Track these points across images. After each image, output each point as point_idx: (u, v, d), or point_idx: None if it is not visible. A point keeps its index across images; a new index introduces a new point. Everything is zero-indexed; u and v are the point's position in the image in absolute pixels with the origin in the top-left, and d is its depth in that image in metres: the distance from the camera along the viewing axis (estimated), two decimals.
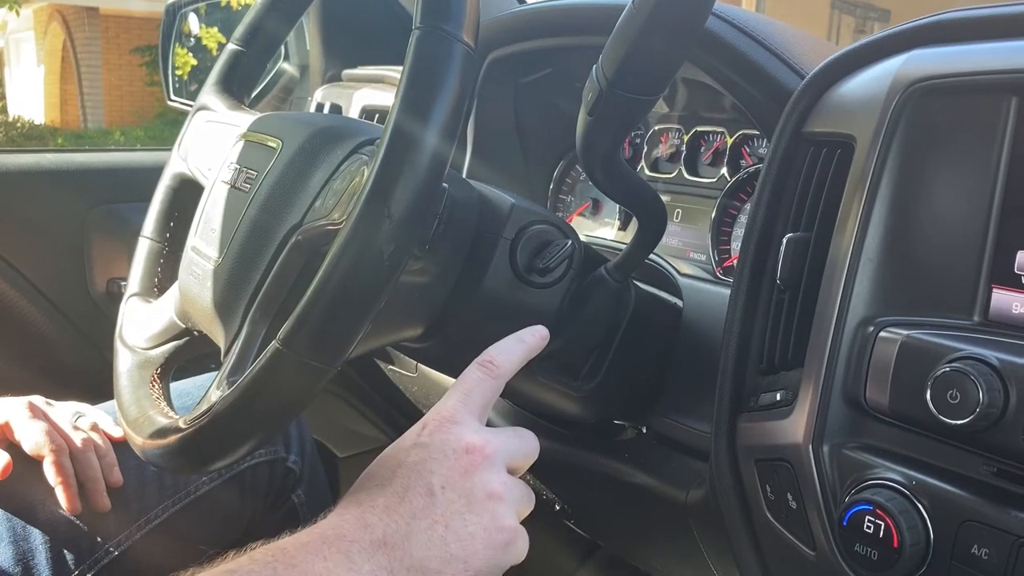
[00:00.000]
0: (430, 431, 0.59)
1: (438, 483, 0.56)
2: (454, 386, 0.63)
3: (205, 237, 0.79)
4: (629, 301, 0.82)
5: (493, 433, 0.61)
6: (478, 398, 0.63)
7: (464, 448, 0.58)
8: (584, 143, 0.73)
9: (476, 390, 0.63)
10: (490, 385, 0.64)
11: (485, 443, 0.59)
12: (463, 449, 0.58)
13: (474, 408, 0.62)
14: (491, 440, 0.60)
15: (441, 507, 0.56)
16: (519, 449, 0.63)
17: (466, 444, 0.58)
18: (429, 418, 0.61)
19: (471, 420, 0.61)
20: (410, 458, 0.58)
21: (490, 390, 0.64)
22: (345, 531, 0.54)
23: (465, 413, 0.61)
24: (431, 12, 0.60)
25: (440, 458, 0.57)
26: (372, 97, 1.35)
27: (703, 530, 0.83)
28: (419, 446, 0.58)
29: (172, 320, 0.83)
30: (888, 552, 0.57)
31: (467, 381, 0.63)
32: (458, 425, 0.59)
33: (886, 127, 0.63)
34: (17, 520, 0.88)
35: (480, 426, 0.61)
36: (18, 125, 10.83)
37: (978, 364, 0.54)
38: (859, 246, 0.63)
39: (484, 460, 0.58)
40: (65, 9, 11.67)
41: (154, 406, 0.77)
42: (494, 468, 0.59)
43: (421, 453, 0.58)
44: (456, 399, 0.62)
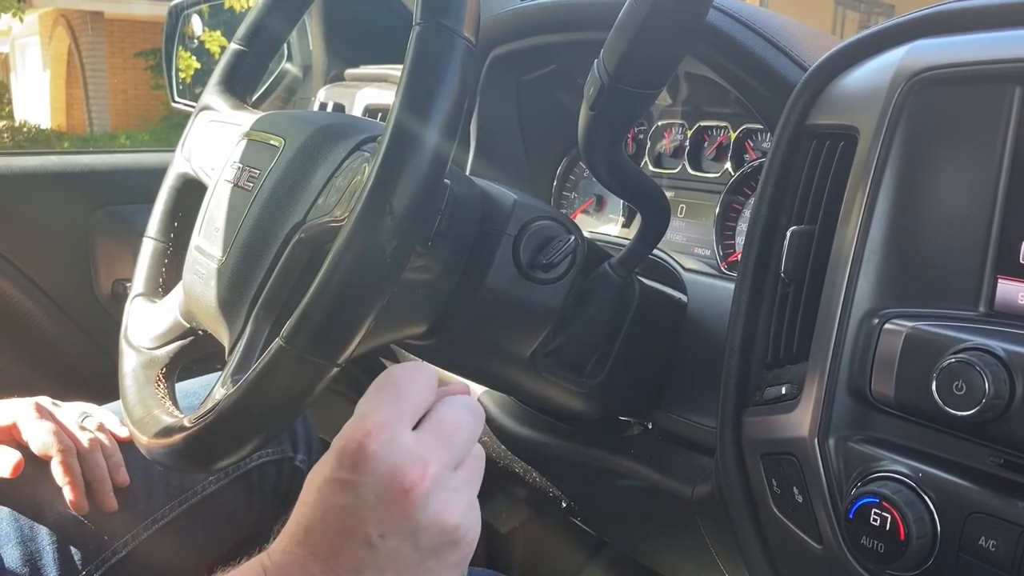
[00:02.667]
0: (350, 465, 0.48)
1: (375, 532, 0.48)
2: (378, 387, 0.52)
3: (209, 236, 0.79)
4: (633, 297, 0.82)
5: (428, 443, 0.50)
6: (411, 405, 0.51)
7: (399, 486, 0.48)
8: (586, 138, 0.73)
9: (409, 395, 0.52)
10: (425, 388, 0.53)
11: (422, 472, 0.48)
12: (398, 487, 0.48)
13: (408, 419, 0.51)
14: (428, 460, 0.49)
15: (385, 557, 0.48)
16: (461, 441, 0.52)
17: (402, 480, 0.48)
18: (347, 441, 0.49)
19: (403, 438, 0.49)
20: (336, 500, 0.48)
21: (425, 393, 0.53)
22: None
23: (396, 430, 0.49)
24: (431, 8, 0.60)
25: (373, 501, 0.48)
26: (375, 96, 1.35)
27: (709, 525, 0.83)
28: (340, 484, 0.48)
29: (176, 320, 0.84)
30: (895, 544, 0.57)
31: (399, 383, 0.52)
32: (387, 452, 0.48)
33: (889, 119, 0.62)
34: (24, 520, 0.88)
35: (414, 441, 0.49)
36: (24, 130, 10.87)
37: (984, 355, 0.54)
38: (863, 238, 0.63)
39: (425, 495, 0.48)
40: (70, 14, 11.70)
41: (159, 405, 0.77)
42: (437, 496, 0.49)
43: (347, 496, 0.48)
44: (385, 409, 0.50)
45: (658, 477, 0.85)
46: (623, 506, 0.97)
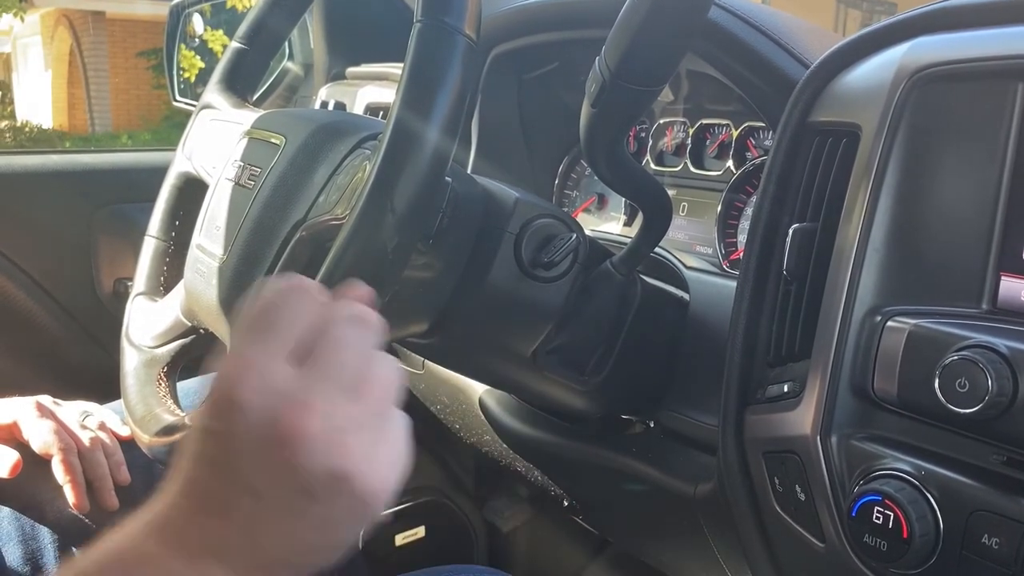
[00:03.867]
0: (221, 415, 0.43)
1: (260, 483, 0.42)
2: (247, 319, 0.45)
3: (210, 235, 0.79)
4: (635, 295, 0.82)
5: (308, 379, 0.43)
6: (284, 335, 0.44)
7: (279, 436, 0.41)
8: (588, 135, 0.72)
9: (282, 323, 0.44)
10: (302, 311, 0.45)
11: (300, 415, 0.42)
12: (275, 440, 0.41)
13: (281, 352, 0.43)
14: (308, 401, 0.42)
15: (277, 508, 0.43)
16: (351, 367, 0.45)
17: (279, 429, 0.41)
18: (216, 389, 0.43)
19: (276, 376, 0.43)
20: (215, 451, 0.43)
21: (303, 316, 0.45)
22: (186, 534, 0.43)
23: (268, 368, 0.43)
24: (432, 5, 0.60)
25: (251, 453, 0.42)
26: (376, 94, 1.35)
27: (712, 524, 0.83)
28: (216, 436, 0.43)
29: (178, 318, 0.84)
30: (898, 543, 0.56)
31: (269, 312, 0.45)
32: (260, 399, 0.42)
33: (891, 116, 0.62)
34: (26, 519, 0.88)
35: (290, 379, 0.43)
36: (26, 129, 10.87)
37: (987, 352, 0.54)
38: (865, 236, 0.62)
39: (307, 440, 0.42)
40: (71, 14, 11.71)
41: (160, 404, 0.77)
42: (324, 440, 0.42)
43: (224, 447, 0.42)
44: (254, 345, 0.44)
45: (660, 476, 0.85)
46: (625, 505, 0.97)
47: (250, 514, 0.43)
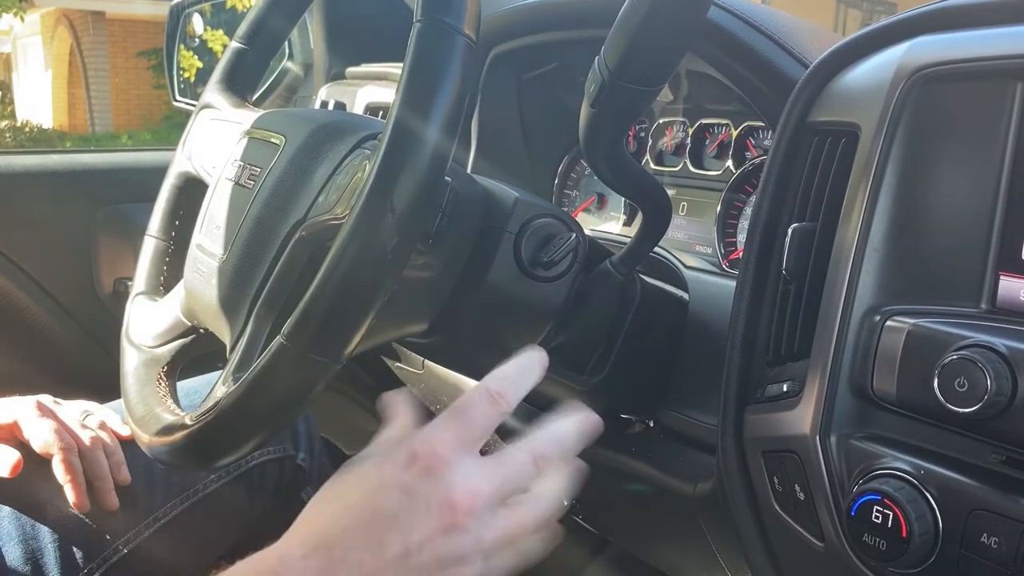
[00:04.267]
0: (419, 471, 0.50)
1: (416, 541, 0.49)
2: (454, 411, 0.54)
3: (210, 234, 0.79)
4: (635, 294, 0.82)
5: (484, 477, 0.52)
6: (478, 434, 0.53)
7: (450, 504, 0.49)
8: (587, 135, 0.72)
9: (479, 425, 0.54)
10: (495, 421, 0.55)
11: (472, 498, 0.50)
12: (448, 504, 0.49)
13: (472, 447, 0.53)
14: (479, 491, 0.51)
15: (412, 568, 0.49)
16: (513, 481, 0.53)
17: (453, 500, 0.50)
18: (420, 449, 0.51)
19: (466, 462, 0.51)
20: (388, 504, 0.49)
21: (493, 426, 0.55)
22: None
23: (462, 453, 0.51)
24: (432, 5, 0.60)
25: (424, 511, 0.49)
26: (376, 94, 1.35)
27: (711, 523, 0.83)
28: (404, 491, 0.50)
29: (178, 318, 0.84)
30: (897, 542, 0.56)
31: (472, 413, 0.54)
32: (451, 469, 0.50)
33: (890, 115, 0.62)
34: (26, 518, 0.89)
35: (473, 470, 0.51)
36: (26, 129, 10.88)
37: (986, 352, 0.54)
38: (865, 235, 0.62)
39: (466, 521, 0.50)
40: (72, 13, 11.71)
41: (160, 404, 0.77)
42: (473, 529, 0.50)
43: (403, 501, 0.49)
44: (455, 433, 0.52)
45: (660, 475, 0.85)
46: (625, 504, 0.97)
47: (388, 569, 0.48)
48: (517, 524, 0.53)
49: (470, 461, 0.51)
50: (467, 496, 0.50)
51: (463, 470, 0.51)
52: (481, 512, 0.50)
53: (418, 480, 0.50)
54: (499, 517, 0.52)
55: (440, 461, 0.50)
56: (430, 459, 0.50)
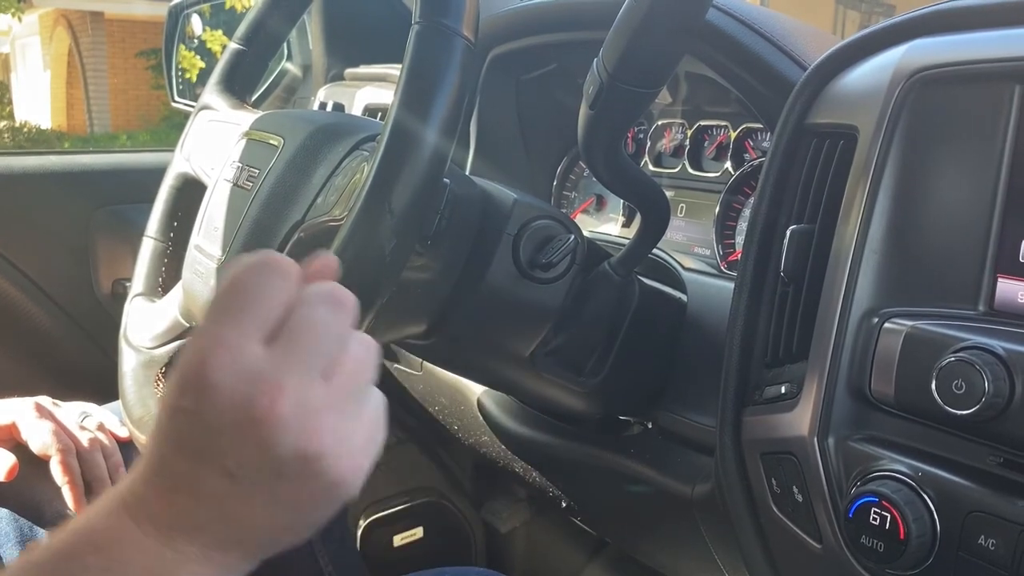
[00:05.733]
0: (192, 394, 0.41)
1: (231, 463, 0.42)
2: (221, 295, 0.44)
3: (208, 235, 0.79)
4: (633, 296, 0.82)
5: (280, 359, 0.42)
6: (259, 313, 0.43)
7: (249, 415, 0.41)
8: (586, 137, 0.72)
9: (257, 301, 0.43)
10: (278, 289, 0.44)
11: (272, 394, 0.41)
12: (248, 416, 0.41)
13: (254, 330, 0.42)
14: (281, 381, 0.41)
15: (247, 487, 0.42)
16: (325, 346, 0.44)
17: (250, 408, 0.41)
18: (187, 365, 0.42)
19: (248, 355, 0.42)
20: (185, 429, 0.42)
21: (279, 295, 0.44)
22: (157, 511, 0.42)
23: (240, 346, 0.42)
24: (431, 7, 0.60)
25: (222, 433, 0.41)
26: (375, 95, 1.34)
27: (709, 525, 0.83)
28: (185, 415, 0.42)
29: (176, 319, 0.84)
30: (894, 544, 0.56)
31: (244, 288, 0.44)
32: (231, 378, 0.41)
33: (888, 117, 0.62)
34: (24, 520, 0.88)
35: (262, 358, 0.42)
36: (25, 130, 10.87)
37: (983, 354, 0.54)
38: (863, 237, 0.62)
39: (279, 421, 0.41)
40: (70, 14, 11.70)
41: (159, 405, 0.77)
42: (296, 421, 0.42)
43: (194, 426, 0.42)
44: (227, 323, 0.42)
45: (658, 477, 0.85)
46: (623, 506, 0.97)
47: (221, 493, 0.42)
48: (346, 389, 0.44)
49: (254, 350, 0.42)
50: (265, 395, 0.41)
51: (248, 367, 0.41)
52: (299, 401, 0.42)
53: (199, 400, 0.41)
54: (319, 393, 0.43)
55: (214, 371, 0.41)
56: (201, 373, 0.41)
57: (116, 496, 0.44)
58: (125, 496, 0.44)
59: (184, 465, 0.43)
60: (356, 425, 0.44)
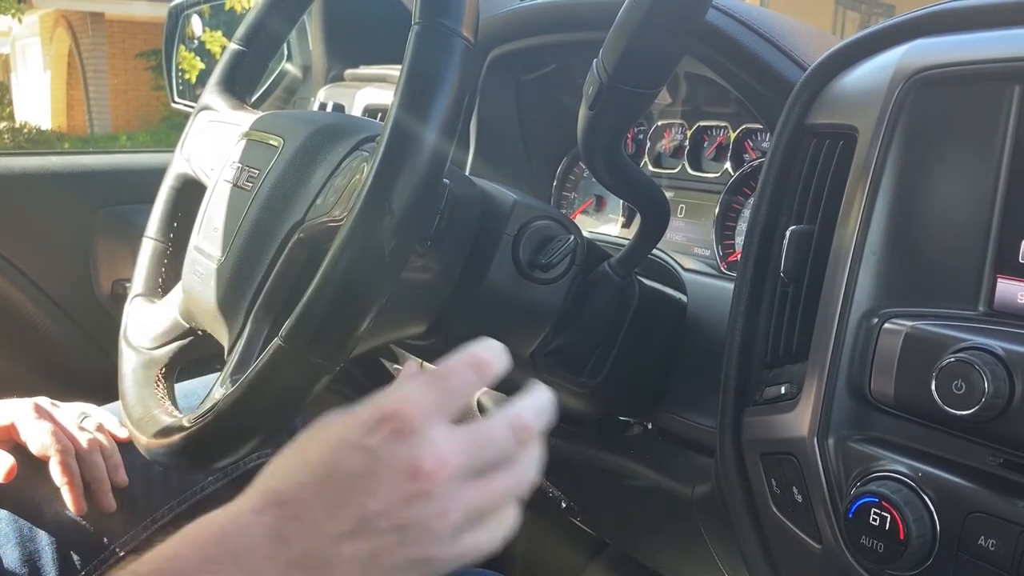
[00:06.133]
0: (385, 433, 0.46)
1: (373, 508, 0.45)
2: (433, 373, 0.50)
3: (208, 236, 0.79)
4: (633, 296, 0.82)
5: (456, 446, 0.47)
6: (457, 399, 0.49)
7: (414, 472, 0.45)
8: (586, 137, 0.73)
9: (459, 390, 0.49)
10: (476, 388, 0.51)
11: (439, 466, 0.46)
12: (412, 472, 0.45)
13: (447, 412, 0.48)
14: (448, 460, 0.46)
15: (370, 537, 0.45)
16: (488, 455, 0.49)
17: (418, 467, 0.45)
18: (387, 410, 0.47)
19: (437, 430, 0.47)
20: (348, 465, 0.46)
21: (473, 393, 0.51)
22: (256, 544, 0.45)
23: (435, 418, 0.47)
24: (430, 7, 0.60)
25: (384, 477, 0.45)
26: (375, 96, 1.35)
27: (709, 525, 0.83)
28: (364, 451, 0.46)
29: (176, 320, 0.84)
30: (894, 544, 0.56)
31: (452, 376, 0.50)
32: (420, 434, 0.46)
33: (888, 118, 0.62)
34: (23, 521, 0.88)
35: (445, 437, 0.47)
36: (25, 131, 10.87)
37: (983, 354, 0.54)
38: (862, 238, 0.63)
39: (431, 491, 0.45)
40: (70, 15, 11.70)
41: (158, 405, 0.77)
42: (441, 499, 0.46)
43: (364, 463, 0.46)
44: (430, 396, 0.48)
45: (658, 477, 0.85)
46: (623, 506, 0.97)
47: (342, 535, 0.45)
48: (490, 499, 0.48)
49: (442, 427, 0.47)
50: (435, 463, 0.46)
51: (433, 436, 0.47)
52: (450, 483, 0.46)
53: (382, 442, 0.46)
54: (470, 489, 0.47)
55: (409, 424, 0.46)
56: (398, 421, 0.46)
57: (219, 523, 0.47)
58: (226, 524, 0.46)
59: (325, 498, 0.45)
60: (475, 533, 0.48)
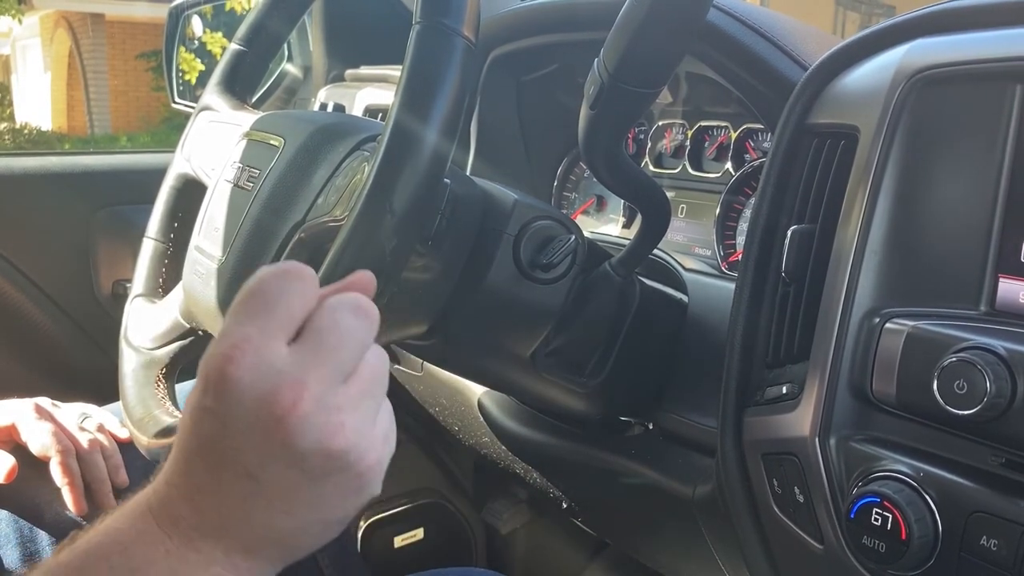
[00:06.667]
0: (216, 391, 0.42)
1: (253, 462, 0.42)
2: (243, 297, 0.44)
3: (209, 236, 0.79)
4: (634, 296, 0.82)
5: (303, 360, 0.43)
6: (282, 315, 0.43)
7: (271, 412, 0.41)
8: (586, 137, 0.72)
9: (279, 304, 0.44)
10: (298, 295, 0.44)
11: (296, 395, 0.41)
12: (270, 413, 0.41)
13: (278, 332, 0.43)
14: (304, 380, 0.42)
15: (270, 487, 0.42)
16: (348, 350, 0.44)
17: (273, 405, 0.41)
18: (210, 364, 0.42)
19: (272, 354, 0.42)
20: (206, 430, 0.42)
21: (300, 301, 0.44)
22: (181, 513, 0.43)
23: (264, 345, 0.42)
24: (431, 7, 0.60)
25: (244, 429, 0.42)
26: (375, 96, 1.35)
27: (710, 526, 0.82)
28: (207, 414, 0.42)
29: (176, 320, 0.84)
30: (896, 544, 0.56)
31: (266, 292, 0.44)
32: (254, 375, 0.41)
33: (889, 118, 0.62)
34: (24, 521, 0.88)
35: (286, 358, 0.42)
36: (25, 131, 10.87)
37: (985, 354, 0.54)
38: (864, 237, 0.62)
39: (302, 420, 0.41)
40: (71, 15, 11.71)
41: (159, 405, 0.77)
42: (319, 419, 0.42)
43: (216, 426, 0.42)
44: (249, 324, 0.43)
45: (659, 477, 0.85)
46: (624, 507, 0.97)
47: (243, 494, 0.43)
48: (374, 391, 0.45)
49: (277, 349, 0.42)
50: (288, 392, 0.41)
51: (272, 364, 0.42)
52: (321, 400, 0.42)
53: (220, 400, 0.42)
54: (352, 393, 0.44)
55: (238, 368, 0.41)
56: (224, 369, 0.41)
57: (142, 498, 0.45)
58: (150, 498, 0.44)
59: (206, 466, 0.43)
60: (374, 425, 0.45)
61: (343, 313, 0.45)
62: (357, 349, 0.45)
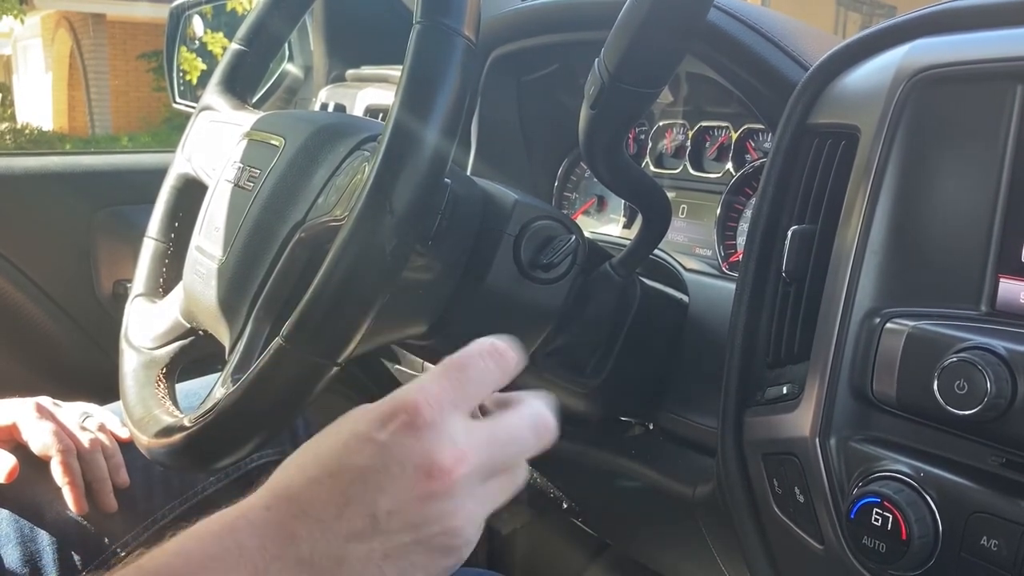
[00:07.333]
0: (398, 427, 0.44)
1: (385, 507, 0.43)
2: (448, 364, 0.47)
3: (209, 236, 0.79)
4: (634, 297, 0.82)
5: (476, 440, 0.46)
6: (474, 392, 0.47)
7: (428, 468, 0.43)
8: (587, 137, 0.72)
9: (477, 382, 0.47)
10: (496, 380, 0.48)
11: (457, 463, 0.44)
12: (426, 469, 0.43)
13: (465, 406, 0.46)
14: (468, 457, 0.44)
15: (382, 536, 0.43)
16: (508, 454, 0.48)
17: (433, 463, 0.43)
18: (400, 404, 0.45)
19: (455, 423, 0.45)
20: (358, 460, 0.44)
21: (493, 386, 0.48)
22: (264, 541, 0.43)
23: (451, 412, 0.45)
24: (432, 7, 0.60)
25: (396, 473, 0.43)
26: (376, 96, 1.35)
27: (711, 526, 0.83)
28: (374, 445, 0.44)
29: (177, 320, 0.83)
30: (896, 544, 0.56)
31: (469, 368, 0.47)
32: (433, 431, 0.44)
33: (890, 118, 0.62)
34: (24, 521, 0.88)
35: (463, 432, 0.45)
36: (26, 132, 10.88)
37: (985, 354, 0.54)
38: (864, 238, 0.62)
39: (449, 489, 0.44)
40: (72, 16, 11.71)
41: (159, 405, 0.77)
42: (458, 498, 0.44)
43: (374, 458, 0.44)
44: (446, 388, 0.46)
45: (659, 478, 0.85)
46: (624, 507, 0.97)
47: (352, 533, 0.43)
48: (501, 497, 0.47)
49: (460, 422, 0.45)
50: (452, 460, 0.44)
51: (450, 431, 0.44)
52: (468, 480, 0.44)
53: (393, 436, 0.44)
54: (487, 487, 0.46)
55: (422, 417, 0.44)
56: (411, 413, 0.44)
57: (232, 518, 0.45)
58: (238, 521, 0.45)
59: (333, 494, 0.44)
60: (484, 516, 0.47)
61: (525, 425, 0.49)
62: (517, 458, 0.48)
